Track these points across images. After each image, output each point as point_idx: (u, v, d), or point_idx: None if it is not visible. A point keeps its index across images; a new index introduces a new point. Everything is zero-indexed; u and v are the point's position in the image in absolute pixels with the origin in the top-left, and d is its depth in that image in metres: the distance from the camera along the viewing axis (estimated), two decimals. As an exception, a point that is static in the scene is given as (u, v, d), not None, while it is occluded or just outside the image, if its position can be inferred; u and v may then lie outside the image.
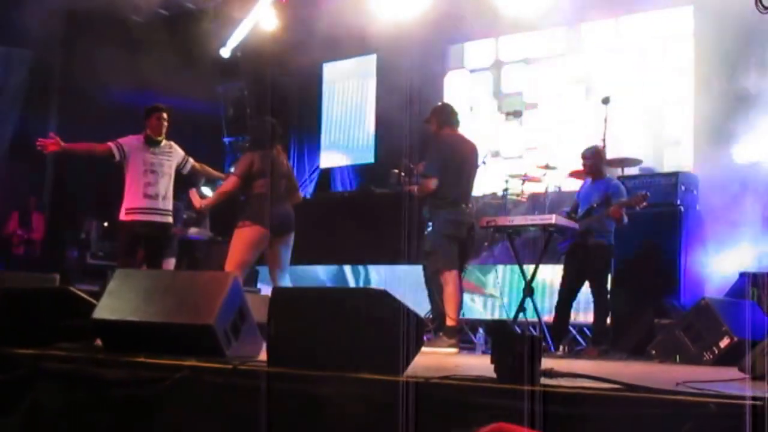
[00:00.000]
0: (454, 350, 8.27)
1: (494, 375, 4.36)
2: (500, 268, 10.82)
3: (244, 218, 8.40)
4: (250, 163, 8.47)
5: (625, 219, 8.86)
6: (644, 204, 8.77)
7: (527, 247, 9.83)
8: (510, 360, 4.29)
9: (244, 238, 8.34)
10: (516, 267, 9.32)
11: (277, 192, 8.49)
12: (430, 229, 8.73)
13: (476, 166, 9.02)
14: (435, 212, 8.66)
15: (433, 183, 8.57)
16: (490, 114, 13.63)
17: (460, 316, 8.95)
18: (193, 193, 8.82)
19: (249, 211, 8.43)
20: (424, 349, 8.30)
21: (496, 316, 10.71)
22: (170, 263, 10.54)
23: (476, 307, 11.17)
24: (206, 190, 11.86)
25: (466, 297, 10.42)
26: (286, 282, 8.50)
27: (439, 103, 9.57)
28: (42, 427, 5.55)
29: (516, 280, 10.41)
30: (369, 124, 15.07)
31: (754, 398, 3.53)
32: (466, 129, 9.23)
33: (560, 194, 11.09)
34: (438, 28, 13.47)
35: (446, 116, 8.95)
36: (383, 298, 4.90)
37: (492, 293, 11.03)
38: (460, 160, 8.73)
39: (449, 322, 8.43)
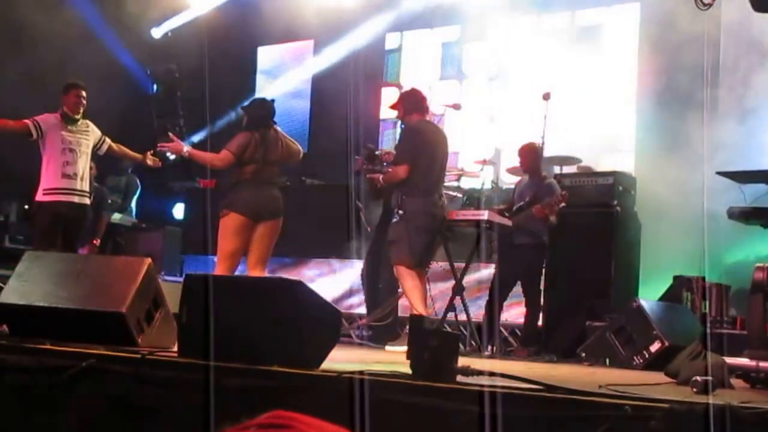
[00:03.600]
0: None
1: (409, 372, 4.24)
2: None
3: (224, 206, 8.04)
4: (246, 143, 8.04)
5: (552, 219, 8.71)
6: (562, 204, 8.59)
7: (460, 244, 9.60)
8: (425, 356, 4.15)
9: (224, 226, 7.98)
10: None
11: (264, 176, 8.11)
12: (396, 218, 8.20)
13: (447, 155, 8.63)
14: (406, 202, 8.14)
15: (403, 170, 8.13)
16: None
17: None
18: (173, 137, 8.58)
19: (230, 196, 8.07)
20: (388, 348, 8.22)
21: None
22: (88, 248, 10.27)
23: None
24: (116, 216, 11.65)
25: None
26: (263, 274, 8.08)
27: (408, 89, 9.13)
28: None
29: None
30: (304, 113, 14.83)
31: (668, 402, 3.46)
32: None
33: (497, 190, 10.90)
34: (377, 15, 13.28)
35: (414, 102, 8.52)
36: (298, 288, 4.73)
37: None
38: (433, 148, 8.29)
39: None
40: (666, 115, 10.58)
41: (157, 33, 14.27)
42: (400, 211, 8.18)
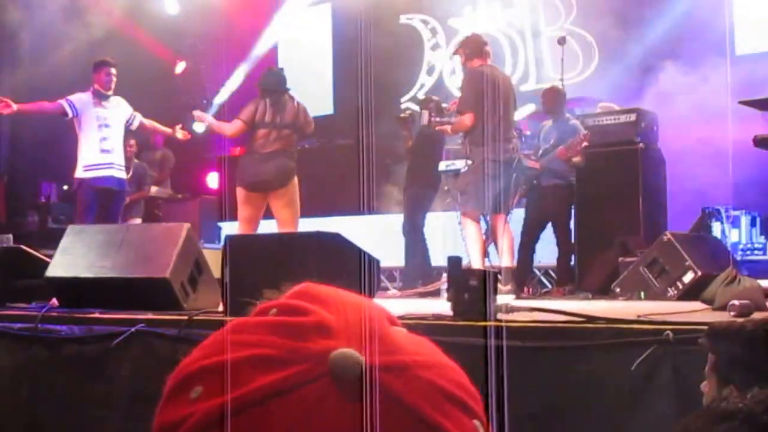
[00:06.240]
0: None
1: (451, 314, 4.31)
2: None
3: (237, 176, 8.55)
4: (255, 109, 8.34)
5: (576, 160, 8.77)
6: (584, 144, 8.63)
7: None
8: (465, 296, 4.22)
9: (237, 195, 8.48)
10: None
11: (274, 143, 8.37)
12: (466, 168, 8.15)
13: (513, 97, 8.58)
14: (474, 150, 8.09)
15: (469, 118, 8.07)
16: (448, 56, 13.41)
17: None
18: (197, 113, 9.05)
19: (239, 168, 8.60)
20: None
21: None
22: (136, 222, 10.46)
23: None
24: (153, 189, 11.80)
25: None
26: None
27: (469, 34, 9.07)
28: (-3, 387, 5.47)
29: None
30: (327, 74, 14.83)
31: (708, 323, 3.52)
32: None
33: (521, 136, 10.87)
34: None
35: (475, 47, 8.45)
36: (336, 240, 4.82)
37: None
38: (493, 92, 8.07)
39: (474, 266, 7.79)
40: (684, 47, 10.53)
41: (172, 8, 14.04)
42: (469, 161, 8.12)
